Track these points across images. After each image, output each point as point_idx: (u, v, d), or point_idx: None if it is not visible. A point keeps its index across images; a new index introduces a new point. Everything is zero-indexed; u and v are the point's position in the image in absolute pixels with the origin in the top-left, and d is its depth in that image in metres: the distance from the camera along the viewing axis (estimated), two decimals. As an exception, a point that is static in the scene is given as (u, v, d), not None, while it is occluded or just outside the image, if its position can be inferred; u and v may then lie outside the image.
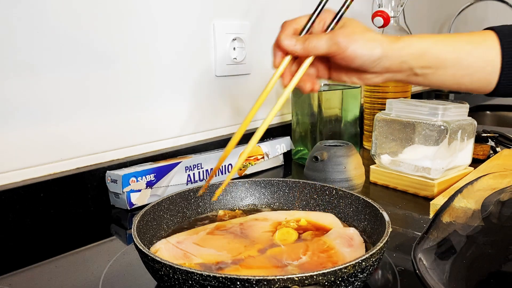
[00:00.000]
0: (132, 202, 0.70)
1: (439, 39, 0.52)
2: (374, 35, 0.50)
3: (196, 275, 0.38)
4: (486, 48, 0.51)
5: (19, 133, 0.65)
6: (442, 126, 0.73)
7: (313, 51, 0.50)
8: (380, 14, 0.99)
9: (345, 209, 0.59)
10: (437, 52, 0.51)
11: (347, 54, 0.49)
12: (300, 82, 0.54)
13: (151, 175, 0.71)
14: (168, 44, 0.81)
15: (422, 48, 0.51)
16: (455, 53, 0.51)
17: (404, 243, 0.59)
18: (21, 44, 0.63)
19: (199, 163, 0.78)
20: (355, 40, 0.49)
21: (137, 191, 0.70)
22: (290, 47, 0.51)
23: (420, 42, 0.51)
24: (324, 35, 0.50)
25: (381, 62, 0.50)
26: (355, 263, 0.40)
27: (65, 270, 0.54)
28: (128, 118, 0.78)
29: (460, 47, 0.51)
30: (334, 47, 0.49)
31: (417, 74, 0.52)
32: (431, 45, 0.51)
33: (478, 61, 0.51)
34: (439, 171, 0.74)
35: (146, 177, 0.71)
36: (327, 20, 0.54)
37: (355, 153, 0.73)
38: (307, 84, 0.54)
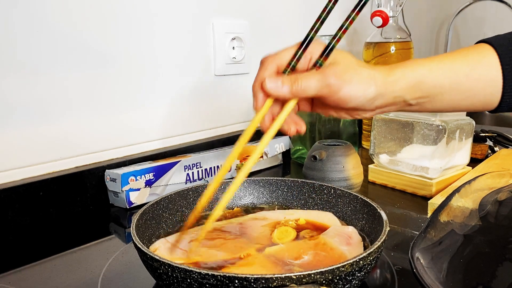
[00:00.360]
0: (131, 201, 0.70)
1: (434, 65, 0.48)
2: (367, 71, 0.46)
3: (195, 274, 0.38)
4: (485, 67, 0.47)
5: (18, 132, 0.65)
6: (440, 125, 0.73)
7: (302, 94, 0.45)
8: (379, 13, 0.99)
9: (343, 208, 0.59)
10: (433, 80, 0.47)
11: (339, 96, 0.45)
12: (284, 125, 0.49)
13: (150, 174, 0.72)
14: (167, 43, 0.81)
15: (417, 78, 0.47)
16: (452, 78, 0.47)
17: (402, 242, 0.60)
18: (20, 44, 0.64)
19: (198, 162, 0.78)
20: (348, 81, 0.45)
21: (136, 190, 0.70)
22: (276, 90, 0.46)
23: (414, 72, 0.47)
24: (314, 76, 0.45)
25: (375, 101, 0.47)
26: (352, 261, 0.40)
27: (64, 268, 0.54)
28: (127, 117, 0.78)
29: (457, 70, 0.47)
30: (326, 89, 0.45)
31: (412, 105, 0.49)
32: (426, 74, 0.47)
33: (477, 83, 0.47)
34: (437, 171, 0.74)
35: (145, 176, 0.71)
36: (314, 54, 0.48)
37: (354, 153, 0.74)
38: (291, 126, 0.50)
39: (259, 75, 0.48)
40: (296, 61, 0.48)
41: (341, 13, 0.60)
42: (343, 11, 0.62)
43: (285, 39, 1.05)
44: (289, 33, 1.05)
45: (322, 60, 0.47)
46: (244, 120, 0.98)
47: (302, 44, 0.48)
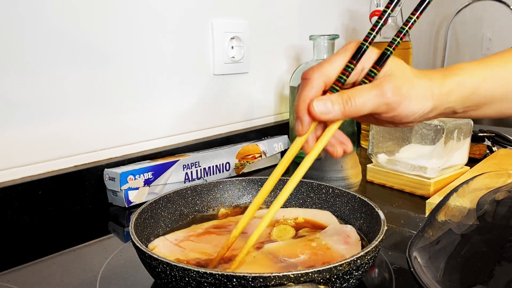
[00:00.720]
0: (130, 200, 0.70)
1: (488, 74, 0.45)
2: (424, 83, 0.42)
3: (193, 272, 0.39)
4: None
5: (18, 131, 0.65)
6: (438, 125, 0.73)
7: (356, 114, 0.41)
8: (377, 13, 0.99)
9: (341, 207, 0.59)
10: (485, 90, 0.45)
11: (397, 113, 0.41)
12: (329, 147, 0.45)
13: (149, 173, 0.72)
14: (166, 42, 0.82)
15: (471, 89, 0.44)
16: (504, 87, 0.45)
17: (400, 242, 0.60)
18: (21, 43, 0.64)
19: (196, 162, 0.78)
20: (407, 96, 0.41)
21: (135, 189, 0.70)
22: (327, 114, 0.41)
23: (468, 82, 0.44)
24: (369, 92, 0.41)
25: (429, 114, 0.43)
26: (350, 260, 0.40)
27: (63, 267, 0.54)
28: (126, 116, 0.78)
29: (510, 78, 0.45)
30: (384, 107, 0.41)
31: (458, 113, 0.46)
32: (481, 83, 0.44)
33: None
34: (435, 170, 0.74)
35: (144, 175, 0.71)
36: (365, 62, 0.42)
37: (352, 152, 0.74)
38: (337, 147, 0.45)
39: (304, 94, 0.41)
40: (346, 76, 0.42)
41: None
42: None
43: (284, 38, 1.05)
44: (288, 33, 1.06)
45: (376, 71, 0.42)
46: (243, 120, 0.99)
47: (354, 55, 0.42)
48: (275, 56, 1.04)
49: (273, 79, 1.04)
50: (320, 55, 0.93)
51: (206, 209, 0.63)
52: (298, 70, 0.95)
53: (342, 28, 1.22)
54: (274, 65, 1.04)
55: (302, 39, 1.06)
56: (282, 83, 1.06)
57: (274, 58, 1.04)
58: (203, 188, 0.64)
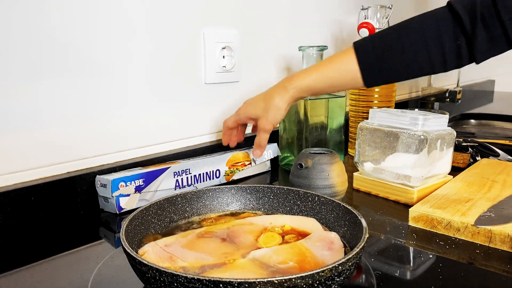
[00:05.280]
0: (121, 206, 0.71)
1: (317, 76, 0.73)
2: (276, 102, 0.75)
3: (181, 278, 0.40)
4: (348, 69, 0.71)
5: (10, 138, 0.67)
6: (422, 135, 0.76)
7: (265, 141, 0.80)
8: (365, 25, 1.02)
9: (326, 215, 0.61)
10: (318, 87, 0.74)
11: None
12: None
13: (140, 180, 0.73)
14: (159, 52, 0.83)
15: (307, 88, 0.74)
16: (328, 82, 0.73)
17: (383, 248, 0.62)
18: (14, 52, 0.65)
19: (187, 169, 0.80)
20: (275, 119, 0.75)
21: (126, 196, 0.72)
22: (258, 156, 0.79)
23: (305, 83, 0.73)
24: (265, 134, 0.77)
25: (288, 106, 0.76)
26: (332, 267, 0.42)
27: (55, 272, 0.56)
28: (118, 124, 0.80)
29: (331, 77, 0.73)
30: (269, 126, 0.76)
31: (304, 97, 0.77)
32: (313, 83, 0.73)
33: (346, 80, 0.72)
34: (419, 179, 0.77)
35: (135, 182, 0.73)
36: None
37: (338, 161, 0.76)
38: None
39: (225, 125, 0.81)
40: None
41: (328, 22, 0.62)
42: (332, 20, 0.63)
43: (275, 48, 1.08)
44: (278, 43, 1.08)
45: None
46: (234, 127, 1.00)
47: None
48: (266, 65, 1.06)
49: (263, 88, 1.05)
50: (309, 65, 0.95)
51: (196, 216, 0.65)
52: (287, 79, 0.97)
53: (332, 38, 1.25)
54: (265, 75, 1.06)
55: (292, 49, 1.09)
56: (272, 92, 1.08)
57: (265, 68, 1.06)
58: (193, 196, 0.65)
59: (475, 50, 0.65)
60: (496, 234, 0.61)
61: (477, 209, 0.68)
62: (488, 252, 0.60)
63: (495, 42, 0.64)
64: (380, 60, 0.69)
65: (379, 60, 0.69)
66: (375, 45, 0.70)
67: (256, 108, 0.77)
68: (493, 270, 0.56)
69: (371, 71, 0.70)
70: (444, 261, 0.58)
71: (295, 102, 0.78)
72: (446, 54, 0.66)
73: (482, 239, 0.62)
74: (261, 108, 0.76)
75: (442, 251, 0.61)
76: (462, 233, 0.64)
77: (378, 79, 0.71)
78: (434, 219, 0.66)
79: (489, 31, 0.63)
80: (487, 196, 0.74)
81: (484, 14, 0.63)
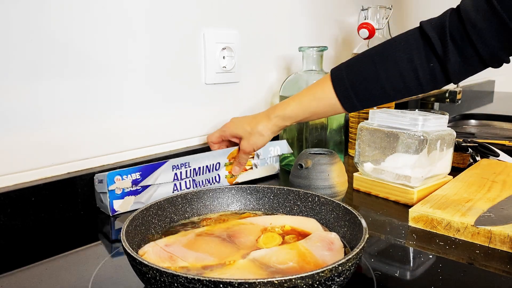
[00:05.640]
0: (114, 209, 0.71)
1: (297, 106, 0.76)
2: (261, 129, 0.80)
3: (182, 278, 0.40)
4: (326, 97, 0.73)
5: (11, 138, 0.67)
6: (421, 136, 0.76)
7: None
8: (365, 26, 1.02)
9: (326, 215, 0.61)
10: (298, 115, 0.77)
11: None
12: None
13: (137, 174, 0.72)
14: (159, 52, 0.83)
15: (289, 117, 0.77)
16: (308, 111, 0.76)
17: (383, 249, 0.62)
18: (14, 52, 0.65)
19: (187, 162, 0.78)
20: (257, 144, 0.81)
21: (120, 198, 0.71)
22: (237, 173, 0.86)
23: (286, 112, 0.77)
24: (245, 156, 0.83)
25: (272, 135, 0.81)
26: (332, 267, 0.42)
27: (55, 272, 0.56)
28: (118, 124, 0.80)
29: (309, 106, 0.75)
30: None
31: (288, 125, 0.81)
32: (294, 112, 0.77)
33: (325, 107, 0.75)
34: (418, 180, 0.77)
35: (131, 175, 0.71)
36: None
37: (338, 161, 0.76)
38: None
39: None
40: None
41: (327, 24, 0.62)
42: (336, 20, 0.63)
43: (275, 49, 1.08)
44: (278, 43, 1.08)
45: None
46: (234, 128, 1.00)
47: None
48: (266, 66, 1.06)
49: (263, 89, 1.07)
50: (309, 66, 0.96)
51: (196, 216, 0.65)
52: (288, 80, 0.98)
53: (332, 39, 1.25)
54: (265, 75, 1.06)
55: (292, 50, 1.09)
56: (272, 93, 1.08)
57: (265, 68, 1.06)
58: (193, 196, 0.65)
59: (449, 72, 0.65)
60: (496, 235, 0.61)
61: (477, 210, 0.68)
62: (488, 253, 0.60)
63: (468, 63, 0.64)
64: (355, 87, 0.70)
65: (354, 87, 0.70)
66: (350, 72, 0.71)
67: (240, 129, 0.81)
68: (493, 271, 0.56)
69: (348, 97, 0.72)
70: (444, 261, 0.58)
71: (280, 130, 0.81)
72: (420, 78, 0.67)
73: (482, 239, 0.62)
74: (246, 130, 0.81)
75: (442, 251, 0.61)
76: (462, 233, 0.64)
77: (357, 105, 0.72)
78: (434, 219, 0.66)
79: (461, 53, 0.63)
80: (487, 196, 0.74)
81: (454, 36, 0.62)
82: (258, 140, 0.80)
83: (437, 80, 0.67)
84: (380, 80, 0.69)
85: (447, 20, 0.64)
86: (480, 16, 0.60)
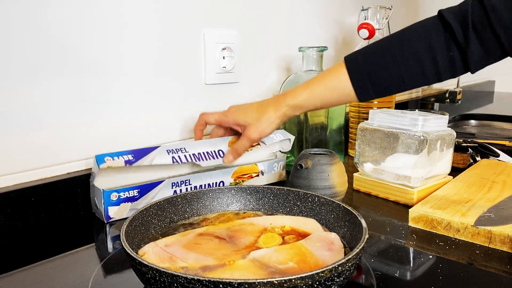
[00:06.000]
0: (109, 216, 0.69)
1: (308, 94, 0.73)
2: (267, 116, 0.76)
3: (181, 278, 0.40)
4: (341, 85, 0.71)
5: (11, 139, 0.67)
6: (421, 136, 0.76)
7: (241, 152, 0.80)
8: (365, 26, 1.02)
9: (326, 215, 0.61)
10: (308, 104, 0.75)
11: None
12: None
13: (129, 155, 0.69)
14: (159, 52, 0.83)
15: (298, 106, 0.75)
16: (319, 100, 0.74)
17: (383, 249, 0.62)
18: (14, 53, 0.65)
19: (182, 147, 0.75)
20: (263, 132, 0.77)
21: (115, 205, 0.69)
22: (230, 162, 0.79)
23: (296, 101, 0.74)
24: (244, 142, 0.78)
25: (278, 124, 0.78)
26: (331, 267, 0.42)
27: (55, 272, 0.56)
28: (118, 124, 0.80)
29: (322, 95, 0.73)
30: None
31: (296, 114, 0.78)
32: (303, 101, 0.74)
33: (339, 96, 0.73)
34: (419, 180, 0.77)
35: (123, 156, 0.69)
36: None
37: (338, 161, 0.76)
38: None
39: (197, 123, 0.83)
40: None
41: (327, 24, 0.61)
42: (332, 21, 0.63)
43: (275, 49, 1.08)
44: (278, 43, 1.08)
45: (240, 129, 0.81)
46: (234, 128, 1.00)
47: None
48: (266, 66, 1.06)
49: (263, 89, 1.07)
50: (309, 66, 0.96)
51: (196, 217, 0.65)
52: (288, 80, 0.98)
53: (332, 39, 1.25)
54: (265, 75, 1.06)
55: (292, 50, 1.09)
56: (272, 93, 1.08)
57: (265, 68, 1.06)
58: (193, 196, 0.65)
59: (469, 61, 0.64)
60: (496, 235, 0.61)
61: (477, 210, 0.68)
62: (488, 253, 0.60)
63: (489, 52, 0.63)
64: (372, 75, 0.69)
65: (371, 75, 0.69)
66: (367, 60, 0.69)
67: (247, 115, 0.77)
68: (493, 271, 0.56)
69: (364, 86, 0.70)
70: (444, 261, 0.58)
71: (287, 119, 0.78)
72: (439, 66, 0.66)
73: (482, 239, 0.62)
74: (253, 117, 0.76)
75: (442, 251, 0.61)
76: (462, 233, 0.64)
77: (372, 94, 0.71)
78: (434, 219, 0.66)
79: (483, 42, 0.62)
80: (487, 196, 0.74)
81: (476, 24, 0.62)
82: (267, 127, 0.76)
83: (456, 68, 0.66)
84: (398, 68, 0.67)
85: (469, 9, 0.63)
86: (503, 4, 0.60)
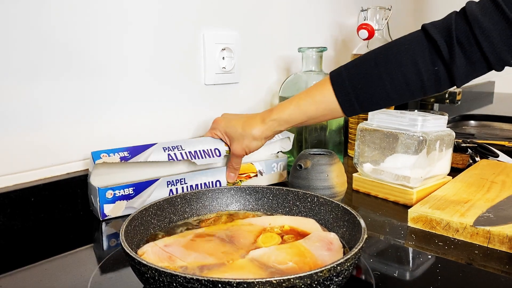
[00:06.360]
0: (105, 213, 0.69)
1: (295, 109, 0.73)
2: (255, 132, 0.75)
3: (180, 278, 0.40)
4: (326, 100, 0.70)
5: (11, 139, 0.67)
6: (421, 137, 0.76)
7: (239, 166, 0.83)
8: (365, 26, 1.02)
9: (325, 215, 0.62)
10: (295, 119, 0.73)
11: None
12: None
13: (125, 152, 0.70)
14: (158, 53, 0.84)
15: (285, 120, 0.74)
16: (305, 115, 0.72)
17: (382, 249, 0.62)
18: (15, 53, 0.65)
19: (179, 145, 0.76)
20: (251, 147, 0.77)
21: (111, 203, 0.69)
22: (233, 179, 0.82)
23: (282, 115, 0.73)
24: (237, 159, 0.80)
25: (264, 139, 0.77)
26: (330, 267, 0.42)
27: (55, 272, 0.56)
28: (118, 125, 0.80)
29: (308, 110, 0.72)
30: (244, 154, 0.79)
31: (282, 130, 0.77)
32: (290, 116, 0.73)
33: (325, 111, 0.71)
34: (418, 180, 0.77)
35: (119, 153, 0.69)
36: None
37: (338, 162, 0.76)
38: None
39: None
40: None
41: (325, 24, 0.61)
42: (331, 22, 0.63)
43: (274, 49, 1.08)
44: (278, 44, 1.08)
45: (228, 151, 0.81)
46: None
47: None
48: (265, 66, 1.07)
49: (263, 89, 1.07)
50: (308, 67, 0.96)
51: (195, 217, 0.65)
52: (287, 80, 0.98)
53: (331, 39, 1.25)
54: (264, 76, 1.07)
55: (291, 50, 1.09)
56: (272, 93, 1.09)
57: (264, 69, 1.06)
58: (192, 196, 0.66)
59: (454, 75, 0.64)
60: (494, 235, 0.61)
61: (476, 210, 0.68)
62: (486, 253, 0.60)
63: (474, 66, 0.63)
64: (357, 90, 0.68)
65: (356, 91, 0.68)
66: (351, 76, 0.69)
67: (233, 129, 0.78)
68: (491, 271, 0.56)
69: (349, 102, 0.69)
70: (443, 261, 0.58)
71: (275, 134, 0.78)
72: (424, 80, 0.65)
73: (481, 239, 0.62)
74: (237, 132, 0.77)
75: (441, 251, 0.61)
76: (461, 233, 0.64)
77: (358, 109, 0.70)
78: (433, 219, 0.67)
79: (468, 56, 0.62)
80: (486, 197, 0.74)
81: (461, 39, 0.62)
82: (251, 144, 0.76)
83: (441, 83, 0.66)
84: (383, 84, 0.67)
85: (453, 23, 0.63)
86: (487, 18, 0.60)
